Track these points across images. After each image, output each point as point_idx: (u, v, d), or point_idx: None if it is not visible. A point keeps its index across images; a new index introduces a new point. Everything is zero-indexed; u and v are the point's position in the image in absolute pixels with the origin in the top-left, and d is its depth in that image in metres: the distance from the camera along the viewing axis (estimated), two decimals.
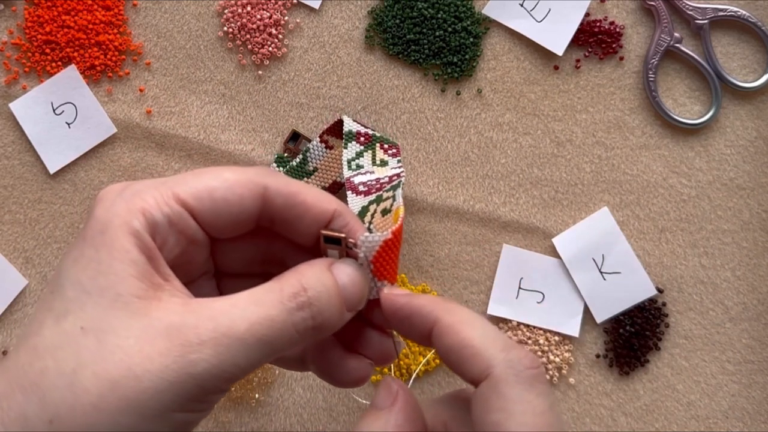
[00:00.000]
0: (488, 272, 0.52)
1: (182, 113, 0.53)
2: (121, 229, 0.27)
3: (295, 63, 0.53)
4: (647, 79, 0.52)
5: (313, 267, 0.30)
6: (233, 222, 0.30)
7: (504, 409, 0.27)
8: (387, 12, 0.53)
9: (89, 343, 0.25)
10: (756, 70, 0.52)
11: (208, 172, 0.30)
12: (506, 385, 0.28)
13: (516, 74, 0.53)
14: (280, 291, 0.28)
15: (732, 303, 0.52)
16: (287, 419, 0.51)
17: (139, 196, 0.28)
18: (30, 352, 0.26)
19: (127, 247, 0.27)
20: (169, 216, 0.28)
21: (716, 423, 0.51)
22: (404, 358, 0.51)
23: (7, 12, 0.53)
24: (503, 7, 0.53)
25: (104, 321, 0.26)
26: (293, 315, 0.28)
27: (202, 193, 0.29)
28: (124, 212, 0.28)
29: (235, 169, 0.30)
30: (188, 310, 0.27)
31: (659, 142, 0.52)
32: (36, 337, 0.26)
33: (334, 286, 0.30)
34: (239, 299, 0.28)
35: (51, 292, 0.27)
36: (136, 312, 0.26)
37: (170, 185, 0.29)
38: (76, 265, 0.27)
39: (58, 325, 0.26)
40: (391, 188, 0.40)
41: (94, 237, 0.27)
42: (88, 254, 0.27)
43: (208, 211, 0.29)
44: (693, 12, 0.52)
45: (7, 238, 0.52)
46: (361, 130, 0.48)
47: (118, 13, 0.53)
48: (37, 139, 0.52)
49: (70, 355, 0.25)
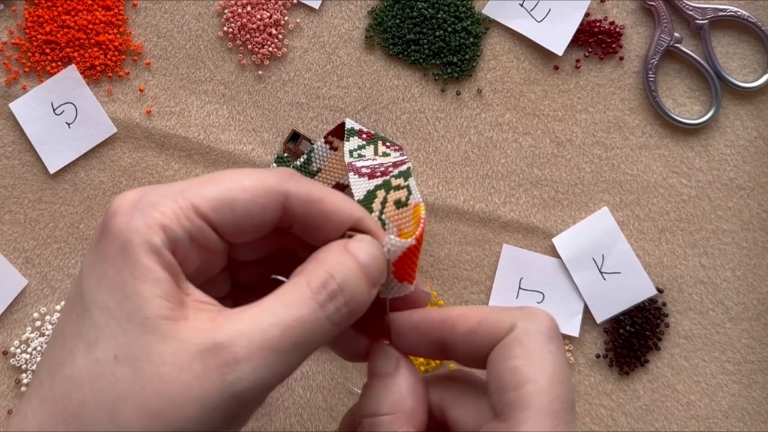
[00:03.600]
0: (488, 272, 0.52)
1: (182, 113, 0.53)
2: (142, 247, 0.26)
3: (295, 63, 0.53)
4: (647, 79, 0.52)
5: (331, 252, 0.29)
6: (253, 231, 0.29)
7: (524, 357, 0.28)
8: (387, 12, 0.53)
9: (124, 373, 0.25)
10: (756, 70, 0.52)
11: (227, 180, 0.28)
12: (528, 336, 0.29)
13: (516, 74, 0.53)
14: (307, 285, 0.27)
15: (732, 303, 0.52)
16: (287, 419, 0.51)
17: (157, 209, 0.27)
18: (66, 383, 0.25)
19: (149, 266, 0.26)
20: (189, 231, 0.27)
21: (716, 423, 0.51)
22: None
23: (7, 12, 0.53)
24: (503, 7, 0.53)
25: (136, 348, 0.25)
26: (326, 307, 0.27)
27: (223, 204, 0.28)
28: (144, 228, 0.26)
29: (254, 176, 0.29)
30: (217, 326, 0.26)
31: (659, 142, 0.52)
32: (71, 367, 0.26)
33: (357, 266, 0.29)
34: (267, 305, 0.27)
35: (77, 315, 0.26)
36: (166, 335, 0.25)
37: (188, 195, 0.27)
38: (100, 288, 0.26)
39: (90, 353, 0.25)
40: (399, 174, 0.38)
41: (115, 257, 0.26)
42: (111, 275, 0.26)
43: (228, 223, 0.28)
44: (693, 12, 0.52)
45: (7, 238, 0.52)
46: (363, 129, 0.48)
47: (118, 13, 0.53)
48: (37, 139, 0.52)
49: (107, 387, 0.25)
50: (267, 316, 0.26)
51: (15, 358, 0.51)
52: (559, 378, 0.28)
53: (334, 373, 0.51)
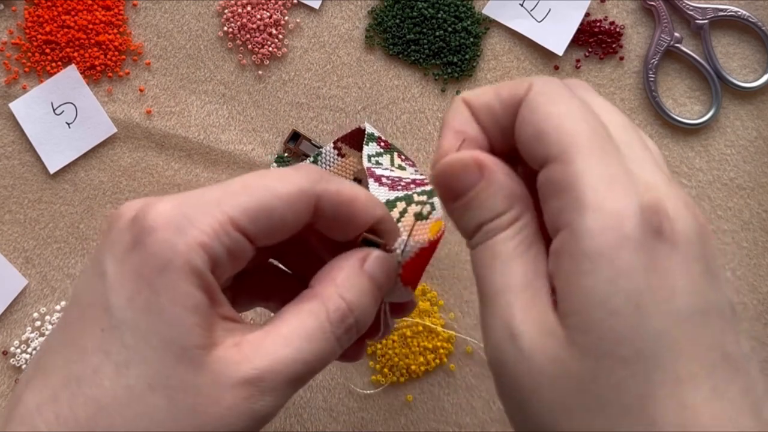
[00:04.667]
0: None
1: (182, 113, 0.53)
2: (183, 270, 0.25)
3: (295, 63, 0.53)
4: (647, 79, 0.52)
5: (349, 274, 0.29)
6: (285, 234, 0.29)
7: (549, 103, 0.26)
8: (387, 12, 0.53)
9: (160, 403, 0.25)
10: (756, 70, 0.52)
11: (260, 187, 0.27)
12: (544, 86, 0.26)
13: (516, 74, 0.53)
14: (326, 318, 0.28)
15: None
16: (287, 419, 0.51)
17: (196, 227, 0.26)
18: (92, 405, 0.25)
19: (190, 290, 0.25)
20: (228, 247, 0.26)
21: None
22: (404, 359, 0.51)
23: (7, 12, 0.53)
24: (503, 7, 0.53)
25: (172, 378, 0.25)
26: (341, 339, 0.28)
27: (260, 214, 0.27)
28: (185, 249, 0.25)
29: (285, 180, 0.28)
30: (244, 358, 0.26)
31: (659, 142, 0.52)
32: (96, 389, 0.25)
33: (371, 289, 0.29)
34: (291, 337, 0.27)
35: (102, 330, 0.25)
36: (201, 366, 0.25)
37: (225, 208, 0.27)
38: (132, 307, 0.25)
39: (120, 377, 0.25)
40: (423, 192, 0.38)
41: (152, 277, 0.25)
42: (147, 296, 0.25)
43: (263, 232, 0.28)
44: (693, 12, 0.52)
45: (7, 238, 0.52)
46: (381, 136, 0.48)
47: (118, 13, 0.53)
48: (37, 139, 0.52)
49: (140, 416, 0.25)
50: (292, 352, 0.27)
51: (15, 358, 0.51)
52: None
53: (334, 373, 0.51)
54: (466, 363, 0.51)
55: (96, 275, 0.26)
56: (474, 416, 0.51)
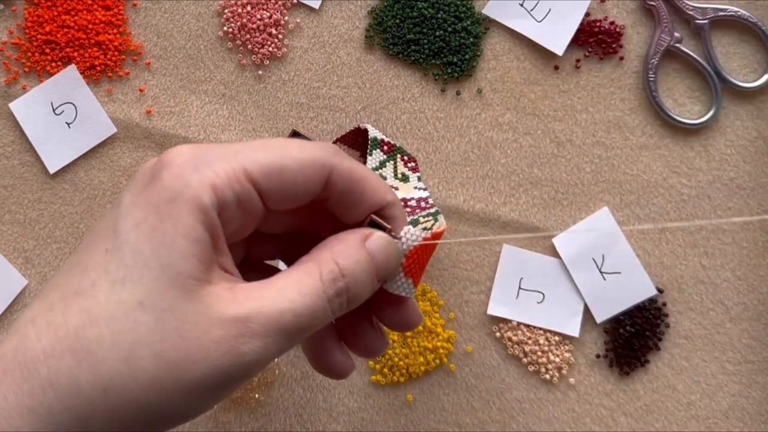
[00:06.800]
0: (488, 272, 0.52)
1: (182, 113, 0.53)
2: (191, 203, 0.27)
3: (295, 63, 0.53)
4: (647, 79, 0.52)
5: (348, 245, 0.30)
6: (295, 200, 0.30)
7: None
8: (387, 12, 0.53)
9: (147, 321, 0.26)
10: (756, 70, 0.52)
11: (277, 148, 0.29)
12: None
13: (516, 74, 0.53)
14: (319, 278, 0.29)
15: (732, 303, 0.52)
16: (287, 419, 0.51)
17: (210, 169, 0.27)
18: (83, 315, 0.26)
19: (193, 223, 0.27)
20: (238, 194, 0.28)
21: (716, 423, 0.51)
22: (404, 359, 0.51)
23: (7, 12, 0.53)
24: (503, 7, 0.53)
25: (163, 300, 0.26)
26: (332, 301, 0.29)
27: (273, 171, 0.28)
28: (196, 185, 0.27)
29: (303, 147, 0.30)
30: (238, 299, 0.27)
31: (659, 142, 0.52)
32: (90, 300, 0.26)
33: (368, 263, 0.30)
34: (284, 289, 0.28)
35: (106, 250, 0.27)
36: (192, 294, 0.26)
37: (241, 159, 0.28)
38: (137, 231, 0.27)
39: (114, 292, 0.26)
40: (428, 215, 0.40)
41: (161, 205, 0.27)
42: (152, 222, 0.26)
43: (274, 190, 0.29)
44: (693, 12, 0.52)
45: (7, 238, 0.52)
46: (384, 138, 0.48)
47: (118, 13, 0.53)
48: (37, 139, 0.52)
49: (127, 329, 0.26)
50: (284, 301, 0.27)
51: None
52: None
53: None
54: (466, 363, 0.51)
55: (113, 208, 0.28)
56: (474, 416, 0.51)
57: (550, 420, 0.51)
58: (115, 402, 0.25)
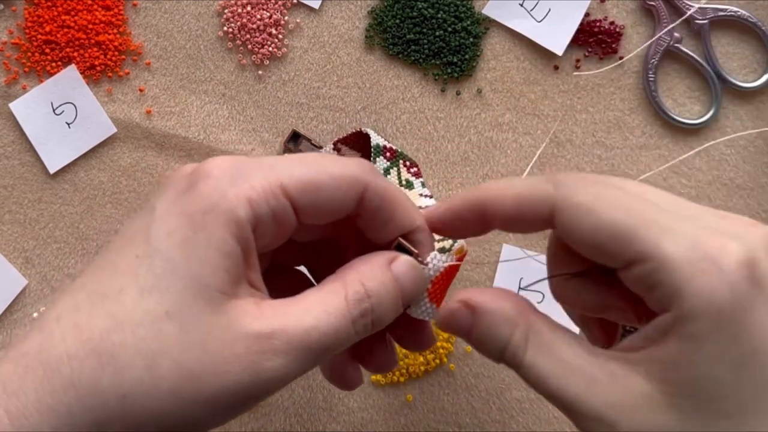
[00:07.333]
0: (488, 272, 0.52)
1: (182, 113, 0.53)
2: (226, 216, 0.27)
3: (295, 63, 0.53)
4: (647, 79, 0.52)
5: (374, 266, 0.30)
6: (329, 216, 0.30)
7: None
8: (387, 12, 0.53)
9: (172, 331, 0.26)
10: (756, 70, 0.52)
11: (314, 163, 0.29)
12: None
13: (516, 74, 0.53)
14: (345, 298, 0.28)
15: None
16: (287, 419, 0.51)
17: (247, 182, 0.27)
18: (109, 319, 0.26)
19: (226, 237, 0.27)
20: (274, 209, 0.28)
21: None
22: (404, 359, 0.51)
23: (7, 12, 0.53)
24: (503, 7, 0.53)
25: (189, 311, 0.26)
26: (356, 323, 0.29)
27: (309, 187, 0.28)
28: (232, 197, 0.27)
29: (339, 163, 0.29)
30: (262, 315, 0.27)
31: (659, 142, 0.52)
32: (117, 305, 0.26)
33: (394, 287, 0.30)
34: (310, 307, 0.28)
35: (137, 256, 0.27)
36: (218, 308, 0.26)
37: (277, 172, 0.28)
38: (170, 240, 0.27)
39: (142, 299, 0.26)
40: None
41: (196, 216, 0.27)
42: (185, 232, 0.27)
43: (309, 205, 0.29)
44: (693, 12, 0.52)
45: (7, 238, 0.52)
46: (386, 145, 0.48)
47: (118, 13, 0.53)
48: (37, 139, 0.52)
49: (151, 337, 0.26)
50: (309, 319, 0.27)
51: None
52: None
53: None
54: (466, 363, 0.51)
55: (145, 212, 0.28)
56: (474, 416, 0.51)
57: (550, 420, 0.51)
58: (134, 408, 0.25)
